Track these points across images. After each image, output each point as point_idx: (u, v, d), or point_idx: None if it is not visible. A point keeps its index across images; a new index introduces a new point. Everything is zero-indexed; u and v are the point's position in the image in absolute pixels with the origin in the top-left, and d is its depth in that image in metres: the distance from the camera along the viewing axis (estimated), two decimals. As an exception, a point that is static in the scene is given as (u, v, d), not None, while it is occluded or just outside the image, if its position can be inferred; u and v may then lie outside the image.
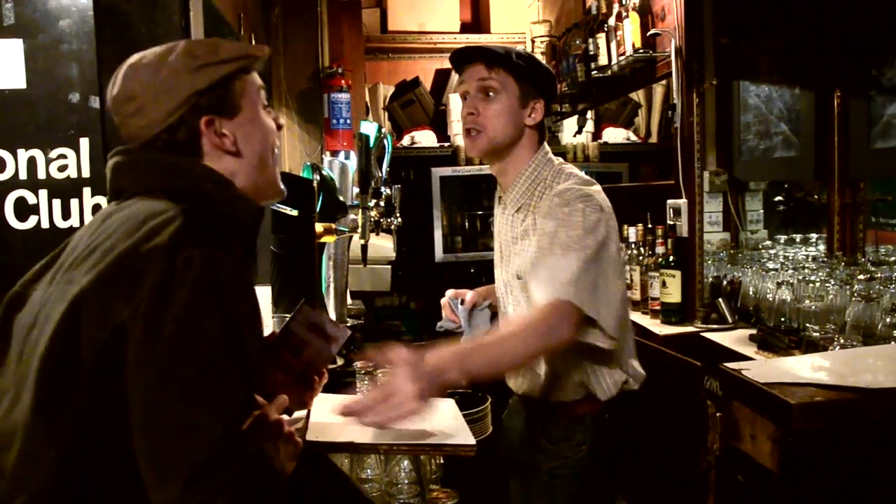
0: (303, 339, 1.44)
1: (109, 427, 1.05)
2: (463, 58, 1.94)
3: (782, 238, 3.37)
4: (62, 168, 2.10)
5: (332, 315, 2.67)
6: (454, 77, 5.43)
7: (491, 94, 1.86)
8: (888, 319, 2.17)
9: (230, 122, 1.22)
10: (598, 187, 1.86)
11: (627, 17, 3.35)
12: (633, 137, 5.37)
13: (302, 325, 1.44)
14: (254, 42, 3.13)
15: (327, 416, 1.62)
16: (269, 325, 1.86)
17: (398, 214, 2.77)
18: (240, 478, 1.05)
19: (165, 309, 1.04)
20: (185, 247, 1.07)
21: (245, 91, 1.24)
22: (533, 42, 5.15)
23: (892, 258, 2.65)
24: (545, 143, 1.96)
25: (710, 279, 3.07)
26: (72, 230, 2.12)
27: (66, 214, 2.11)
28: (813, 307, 2.43)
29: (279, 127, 1.33)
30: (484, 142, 1.88)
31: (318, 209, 2.08)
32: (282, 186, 1.35)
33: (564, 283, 1.65)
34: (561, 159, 1.97)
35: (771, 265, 2.90)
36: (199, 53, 1.19)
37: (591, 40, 3.78)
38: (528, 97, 1.88)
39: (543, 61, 3.03)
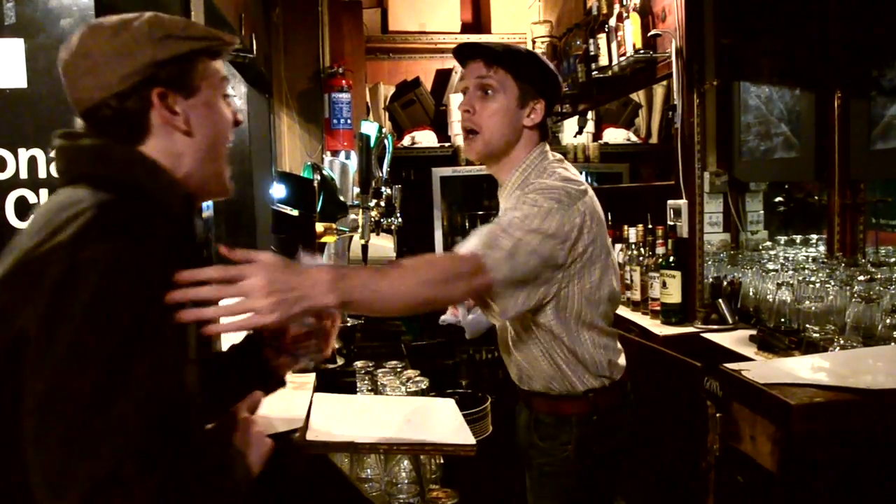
0: None
1: (8, 439, 0.97)
2: (464, 53, 1.91)
3: (782, 239, 3.37)
4: (63, 167, 2.09)
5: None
6: (455, 77, 5.44)
7: (489, 92, 1.83)
8: (888, 320, 2.17)
9: (185, 100, 1.16)
10: (575, 186, 1.79)
11: (628, 17, 3.35)
12: (634, 138, 5.37)
13: None
14: (255, 43, 3.13)
15: (327, 416, 1.62)
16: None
17: (398, 214, 2.77)
18: (166, 485, 0.98)
19: (64, 311, 0.96)
20: (90, 243, 1.00)
21: (207, 74, 1.19)
22: (534, 42, 5.15)
23: (893, 259, 2.64)
24: (544, 143, 1.92)
25: (711, 280, 3.07)
26: (72, 229, 2.12)
27: (66, 214, 2.11)
28: (813, 308, 2.43)
29: (237, 122, 1.27)
30: (480, 144, 1.85)
31: (318, 209, 2.09)
32: (230, 185, 1.29)
33: (488, 246, 1.62)
34: (559, 157, 1.94)
35: (771, 266, 2.90)
36: (166, 24, 1.14)
37: (591, 41, 3.78)
38: (528, 97, 1.85)
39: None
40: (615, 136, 5.30)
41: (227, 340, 1.65)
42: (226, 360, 1.45)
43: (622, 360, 1.97)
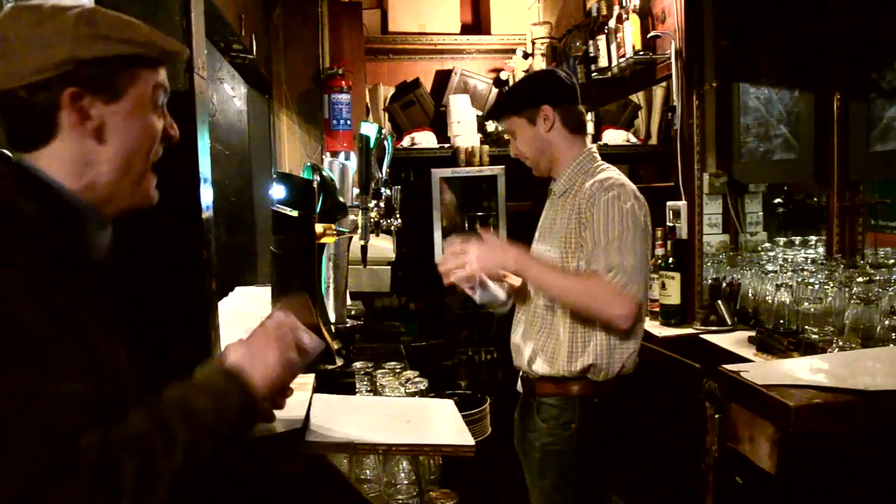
0: None
1: None
2: (489, 117, 2.47)
3: (781, 240, 3.37)
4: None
5: (332, 316, 2.67)
6: (454, 78, 5.44)
7: (512, 137, 2.30)
8: (887, 322, 2.17)
9: (105, 105, 1.05)
10: (629, 183, 2.18)
11: (628, 19, 3.35)
12: (633, 139, 5.37)
13: None
14: (255, 44, 3.13)
15: (326, 417, 1.63)
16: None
17: (398, 215, 2.77)
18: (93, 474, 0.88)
19: None
20: None
21: (137, 81, 1.08)
22: (533, 44, 5.15)
23: (891, 261, 2.65)
24: (590, 145, 2.34)
25: (710, 281, 3.08)
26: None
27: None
28: (812, 309, 2.43)
29: (168, 136, 1.16)
30: (532, 166, 2.31)
31: (318, 210, 2.08)
32: (152, 194, 1.17)
33: (629, 273, 2.00)
34: (604, 163, 2.29)
35: (770, 267, 2.90)
36: (99, 23, 1.04)
37: (591, 42, 3.79)
38: (532, 115, 2.22)
39: (541, 66, 3.23)
40: (614, 137, 5.29)
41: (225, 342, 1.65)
42: None
43: (632, 350, 2.18)
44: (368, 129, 2.51)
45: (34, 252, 0.99)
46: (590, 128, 5.22)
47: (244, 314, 2.55)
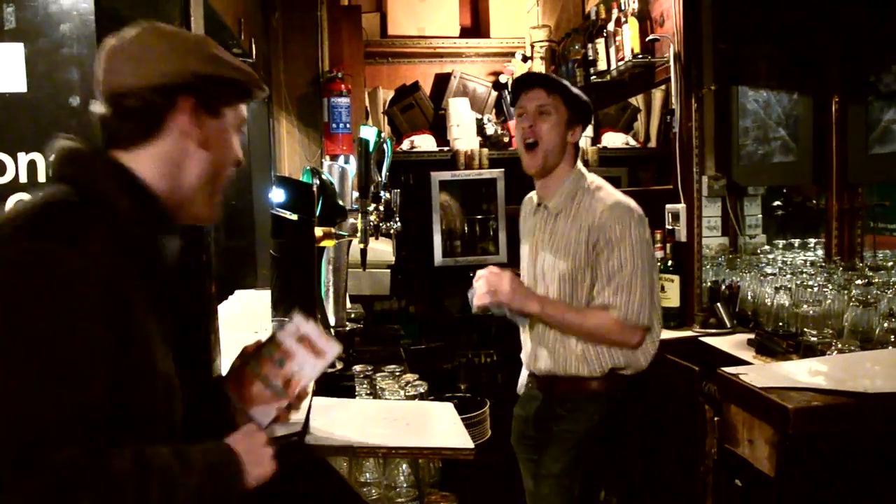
0: (288, 350, 1.39)
1: None
2: (527, 82, 2.37)
3: (781, 243, 3.37)
4: (62, 172, 2.10)
5: (332, 319, 2.67)
6: (453, 81, 5.45)
7: (545, 114, 2.27)
8: (885, 324, 2.18)
9: (207, 118, 1.19)
10: (631, 202, 2.27)
11: (626, 22, 3.36)
12: (633, 142, 5.37)
13: (291, 335, 1.36)
14: (254, 48, 3.13)
15: (326, 420, 1.63)
16: (268, 328, 1.86)
17: (397, 219, 2.77)
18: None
19: None
20: (20, 238, 1.02)
21: (233, 108, 1.24)
22: (532, 47, 5.16)
23: (890, 263, 2.65)
24: (580, 162, 2.37)
25: (709, 284, 3.08)
26: (72, 233, 2.12)
27: (66, 218, 2.11)
28: (811, 312, 2.44)
29: (239, 163, 1.28)
30: (539, 154, 2.27)
31: (317, 213, 2.09)
32: (216, 213, 1.28)
33: (636, 308, 2.16)
34: (590, 175, 2.37)
35: (769, 270, 2.90)
36: (217, 49, 1.21)
37: (590, 45, 3.80)
38: (573, 121, 2.29)
39: (540, 69, 3.24)
40: (614, 140, 5.30)
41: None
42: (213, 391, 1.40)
43: (653, 351, 2.30)
44: (368, 132, 2.51)
45: (121, 247, 1.08)
46: (589, 130, 5.22)
47: (244, 317, 2.55)
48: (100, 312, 1.01)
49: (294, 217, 1.95)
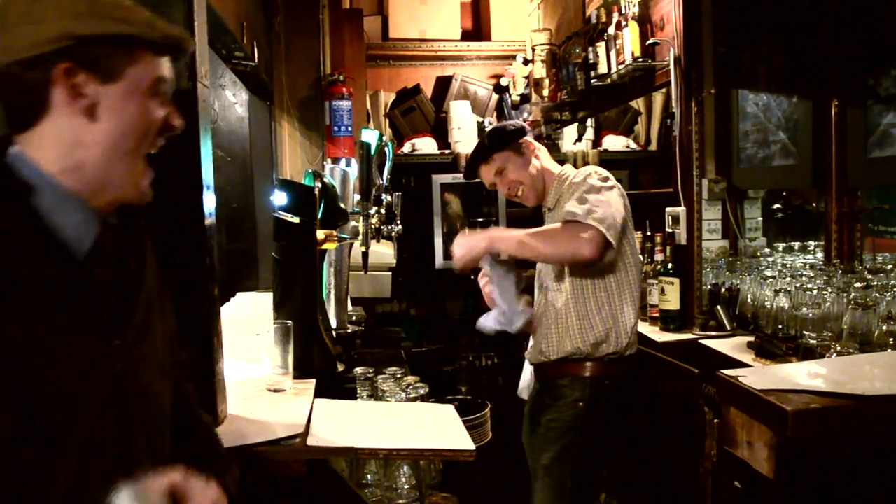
0: None
1: None
2: (469, 175, 2.62)
3: (781, 246, 3.38)
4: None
5: (333, 321, 2.68)
6: (455, 84, 5.47)
7: (501, 175, 2.51)
8: (884, 327, 2.18)
9: (100, 85, 1.02)
10: (603, 172, 2.48)
11: (627, 26, 3.37)
12: (633, 145, 5.39)
13: None
14: (256, 51, 3.15)
15: (327, 422, 1.64)
16: (269, 331, 1.87)
17: (399, 222, 2.78)
18: None
19: None
20: None
21: (135, 64, 1.05)
22: (533, 50, 5.17)
23: (889, 266, 2.66)
24: (563, 166, 2.59)
25: (709, 286, 3.09)
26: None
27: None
28: (810, 314, 2.44)
29: (169, 127, 1.11)
30: (530, 193, 2.52)
31: (319, 216, 2.10)
32: (144, 189, 1.11)
33: (598, 214, 2.23)
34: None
35: (769, 273, 2.91)
36: (98, 2, 1.03)
37: (590, 49, 3.80)
38: (518, 146, 2.51)
39: (542, 72, 3.46)
40: (615, 143, 5.31)
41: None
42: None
43: (636, 340, 2.44)
44: (369, 135, 2.53)
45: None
46: (590, 133, 5.24)
47: (245, 319, 2.56)
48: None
49: (296, 220, 1.96)
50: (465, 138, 5.15)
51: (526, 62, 5.25)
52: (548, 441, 2.36)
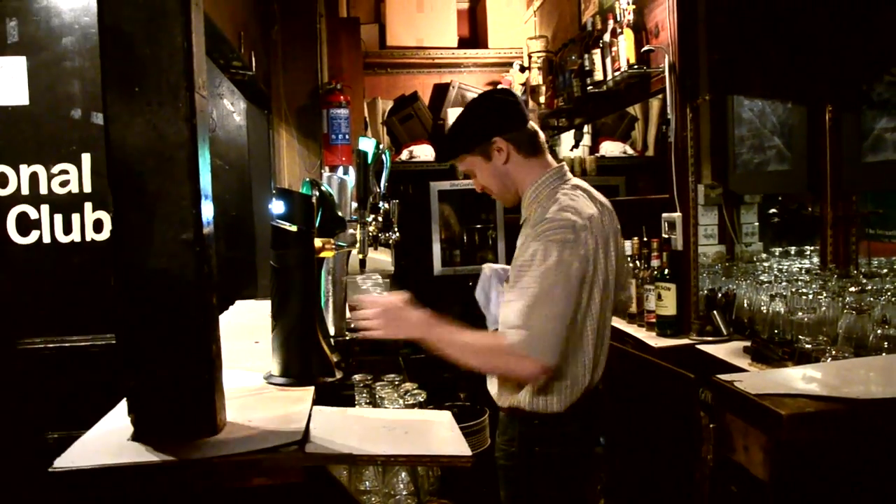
0: None
1: None
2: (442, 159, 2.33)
3: (777, 251, 3.39)
4: (64, 183, 2.13)
5: (331, 329, 2.69)
6: (452, 91, 5.49)
7: (471, 173, 2.19)
8: (879, 331, 2.20)
9: None
10: (579, 208, 1.98)
11: (622, 33, 3.39)
12: (630, 151, 5.41)
13: None
14: (254, 61, 3.16)
15: (325, 429, 1.64)
16: (268, 339, 1.88)
17: (396, 229, 2.79)
18: None
19: None
20: None
21: None
22: (530, 57, 5.20)
23: (885, 270, 2.67)
24: (555, 167, 2.11)
25: (705, 292, 3.10)
26: (73, 245, 2.15)
27: (67, 229, 2.14)
28: (806, 319, 2.46)
29: None
30: (499, 199, 2.21)
31: (317, 224, 2.11)
32: None
33: (532, 337, 1.85)
34: (575, 183, 2.12)
35: (765, 278, 2.92)
36: None
37: (586, 56, 3.83)
38: (485, 150, 2.09)
39: (538, 80, 3.23)
40: (611, 148, 5.33)
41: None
42: None
43: (587, 379, 2.04)
44: (366, 144, 2.54)
45: None
46: (586, 139, 5.26)
47: (244, 327, 2.57)
48: None
49: (294, 228, 1.97)
50: (462, 145, 5.17)
51: (522, 69, 5.27)
52: (501, 480, 2.19)
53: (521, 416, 2.06)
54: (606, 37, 3.59)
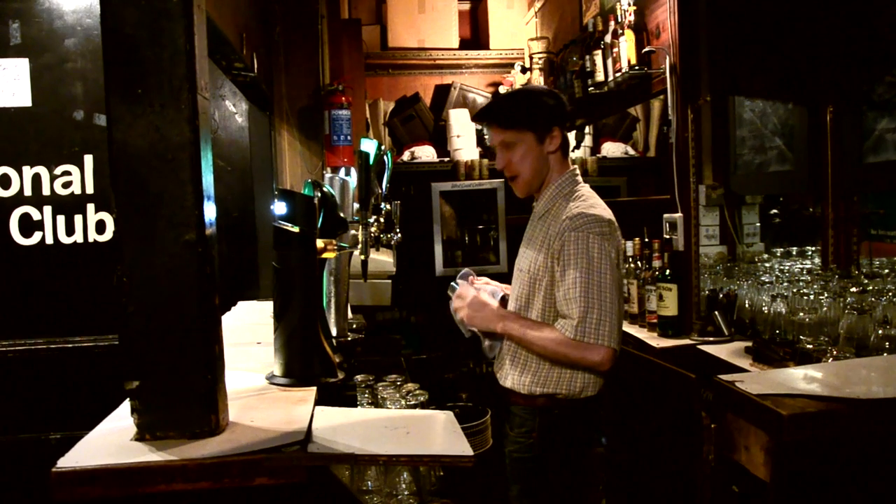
0: None
1: None
2: (481, 118, 2.31)
3: (779, 251, 3.40)
4: (66, 185, 2.14)
5: (333, 330, 2.69)
6: (454, 93, 5.49)
7: (510, 147, 2.22)
8: (880, 331, 2.20)
9: None
10: (606, 208, 2.18)
11: (623, 34, 3.39)
12: (631, 151, 5.41)
13: None
14: (256, 62, 3.17)
15: (328, 429, 1.65)
16: (270, 339, 1.89)
17: (398, 230, 2.79)
18: None
19: None
20: None
21: None
22: (531, 58, 5.20)
23: (886, 270, 2.67)
24: (573, 167, 2.27)
25: (707, 292, 3.10)
26: (75, 246, 2.15)
27: (70, 230, 2.15)
28: (807, 319, 2.46)
29: None
30: (523, 186, 2.26)
31: (319, 226, 2.11)
32: None
33: (594, 324, 2.03)
34: (582, 184, 2.27)
35: (766, 278, 2.93)
36: None
37: (587, 57, 3.83)
38: (544, 133, 2.20)
39: (539, 80, 3.23)
40: (613, 149, 5.33)
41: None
42: None
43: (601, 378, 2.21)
44: (368, 145, 2.54)
45: None
46: (588, 140, 5.26)
47: (246, 328, 2.58)
48: None
49: (296, 229, 1.97)
50: (464, 146, 5.18)
51: (524, 70, 5.28)
52: (513, 474, 2.26)
53: (543, 405, 2.19)
54: (607, 38, 3.59)
